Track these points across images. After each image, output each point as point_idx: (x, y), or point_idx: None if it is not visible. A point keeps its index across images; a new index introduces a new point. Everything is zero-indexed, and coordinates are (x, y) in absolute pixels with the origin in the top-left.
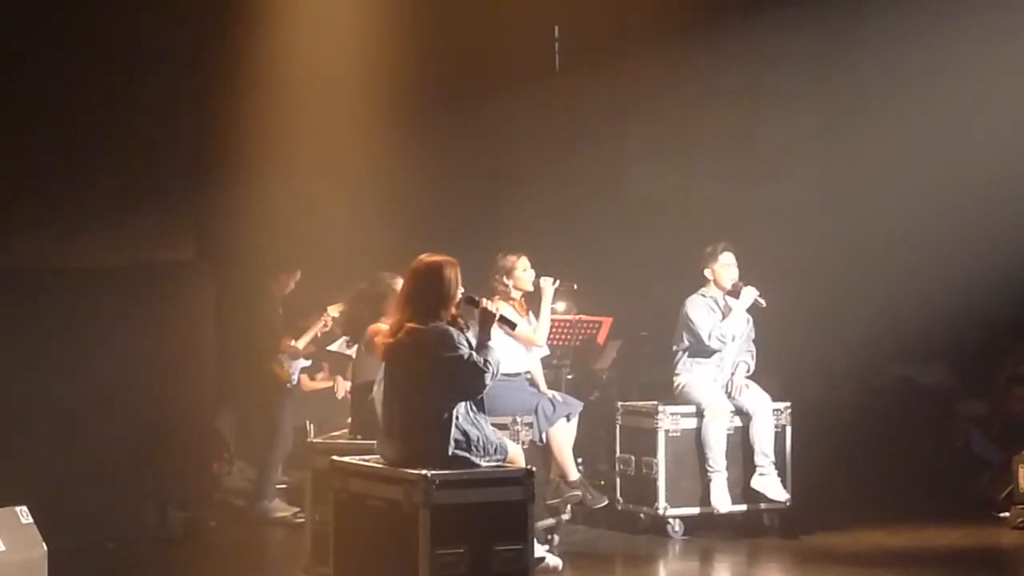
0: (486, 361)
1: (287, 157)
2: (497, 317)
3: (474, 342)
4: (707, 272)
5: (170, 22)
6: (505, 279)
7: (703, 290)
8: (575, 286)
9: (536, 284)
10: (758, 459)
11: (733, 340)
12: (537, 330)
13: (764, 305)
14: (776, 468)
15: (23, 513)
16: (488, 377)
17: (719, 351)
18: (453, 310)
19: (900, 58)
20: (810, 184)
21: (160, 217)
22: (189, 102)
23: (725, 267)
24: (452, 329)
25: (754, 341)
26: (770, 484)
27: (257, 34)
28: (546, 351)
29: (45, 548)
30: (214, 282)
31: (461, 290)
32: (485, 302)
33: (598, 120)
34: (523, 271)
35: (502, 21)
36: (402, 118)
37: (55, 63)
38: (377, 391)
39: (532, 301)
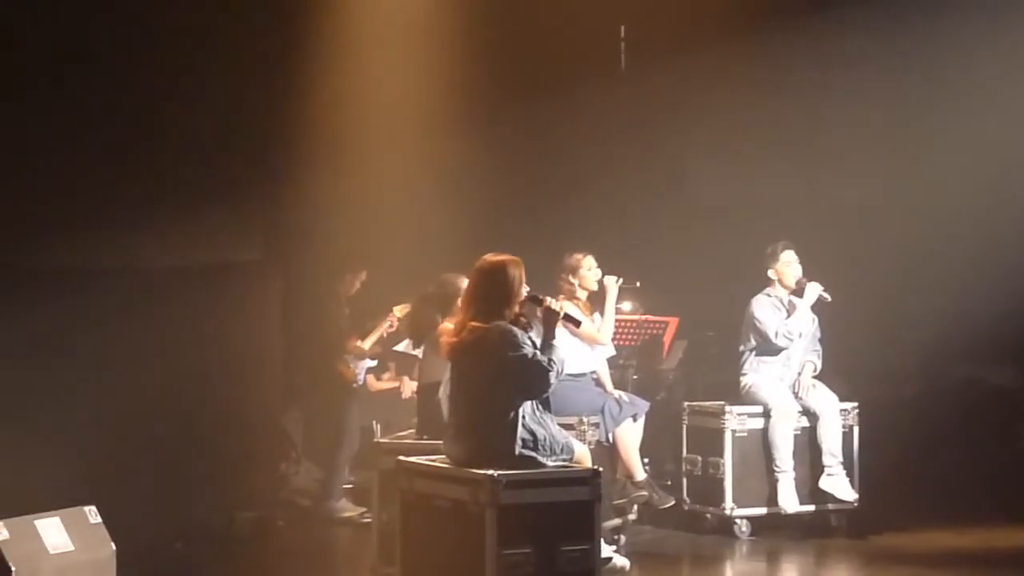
0: (550, 360)
1: (354, 157)
2: (561, 315)
3: (538, 341)
4: (770, 272)
5: (239, 21)
6: (571, 278)
7: (768, 290)
8: (638, 284)
9: (601, 283)
10: (826, 459)
11: (800, 337)
12: (601, 329)
13: (829, 300)
14: (844, 468)
15: (92, 513)
16: (552, 376)
17: (786, 349)
18: (517, 309)
19: (972, 57)
20: (876, 183)
21: (228, 217)
22: (257, 102)
23: (787, 265)
24: (515, 328)
25: (820, 341)
26: (839, 484)
27: (325, 33)
28: (612, 351)
29: (113, 548)
30: (281, 282)
31: (526, 289)
32: (549, 300)
33: (663, 120)
34: (588, 270)
35: (568, 21)
36: (468, 118)
37: (122, 62)
38: (443, 391)
39: (597, 301)
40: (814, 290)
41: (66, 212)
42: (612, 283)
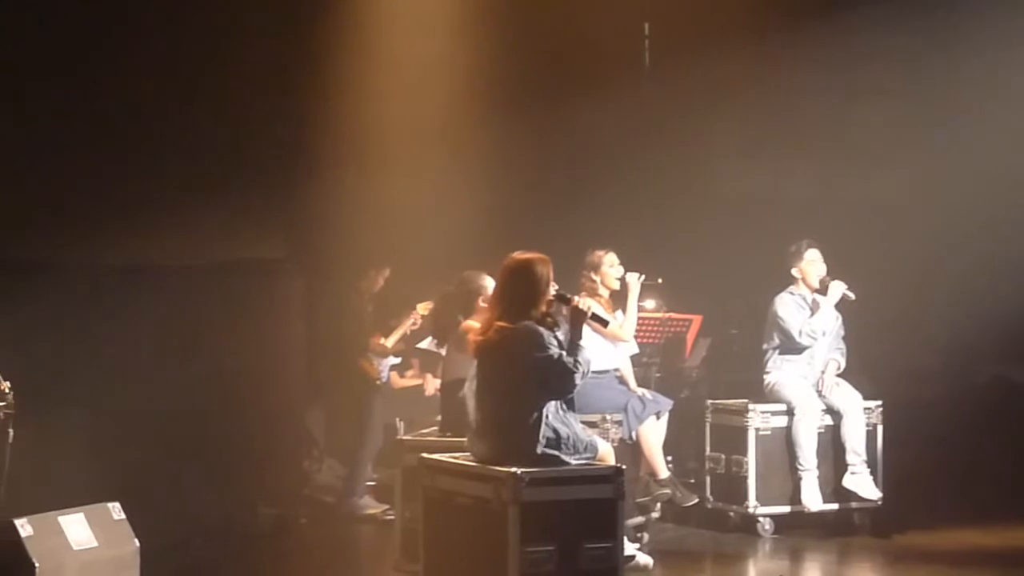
0: (576, 361)
1: (377, 155)
2: (588, 315)
3: (564, 340)
4: (794, 271)
5: (263, 18)
6: (593, 275)
7: (791, 288)
8: (660, 280)
9: (623, 280)
10: (850, 458)
11: (824, 335)
12: (624, 325)
13: (853, 298)
14: (867, 467)
15: (116, 509)
16: (578, 377)
17: (809, 347)
18: (544, 308)
19: (999, 54)
20: (901, 181)
21: (251, 214)
22: (279, 99)
23: (811, 264)
24: (541, 328)
25: (844, 339)
26: (862, 483)
27: (347, 31)
28: (635, 348)
29: (137, 544)
30: (304, 280)
31: (554, 288)
32: (577, 299)
33: (687, 117)
34: (610, 267)
35: (593, 19)
36: (492, 116)
37: (144, 59)
38: (468, 389)
39: (618, 298)
40: (838, 288)
41: (91, 209)
42: (634, 280)
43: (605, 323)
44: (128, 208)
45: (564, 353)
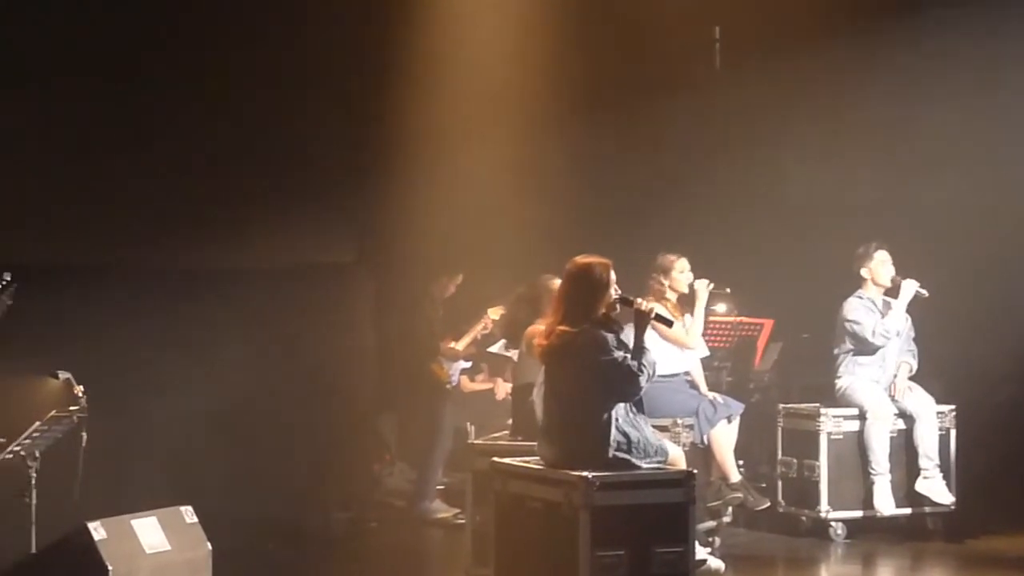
0: (640, 365)
1: (448, 160)
2: (652, 316)
3: (628, 343)
4: (863, 271)
5: (332, 23)
6: (662, 278)
7: (859, 291)
8: (728, 290)
9: (691, 286)
10: (922, 462)
11: (897, 336)
12: (689, 332)
13: (927, 295)
14: (940, 471)
15: (188, 513)
16: (643, 380)
17: (882, 347)
18: (605, 310)
19: None
20: (971, 183)
21: (321, 220)
22: (351, 104)
23: (881, 264)
24: (603, 332)
25: (915, 340)
26: (935, 487)
27: (418, 35)
28: (706, 352)
29: (209, 547)
30: (375, 284)
31: (616, 291)
32: (639, 302)
33: (757, 121)
34: (680, 272)
35: (663, 22)
36: (563, 119)
37: (214, 65)
38: (537, 393)
39: (685, 303)
40: (910, 287)
41: (167, 214)
42: (703, 287)
43: (669, 323)
44: (203, 215)
45: (628, 356)
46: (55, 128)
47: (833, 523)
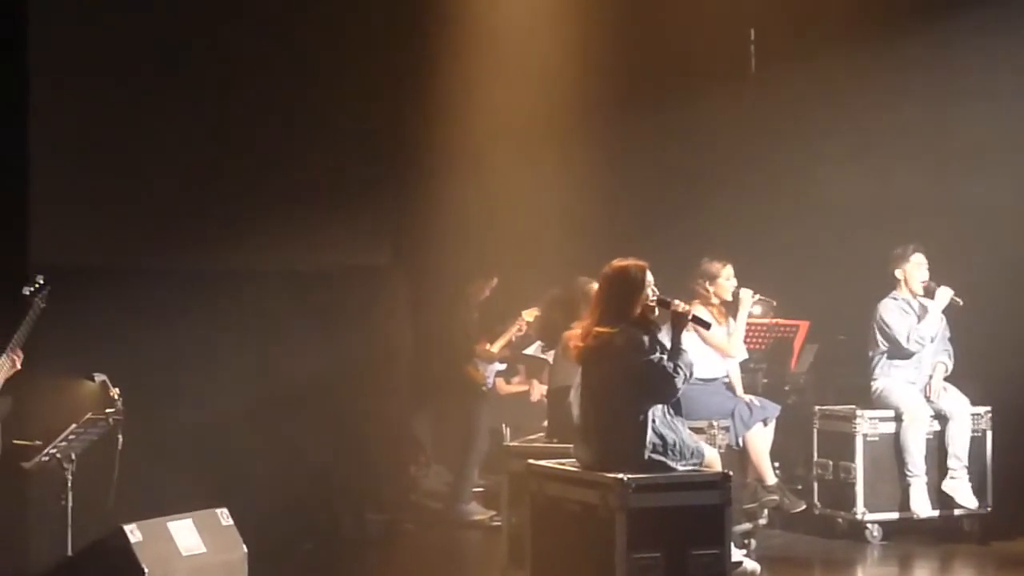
0: (676, 366)
1: (484, 162)
2: (689, 317)
3: (666, 344)
4: (898, 273)
5: (372, 29)
6: (707, 284)
7: (894, 293)
8: (774, 303)
9: (736, 294)
10: (951, 462)
11: (932, 341)
12: (732, 339)
13: (961, 304)
14: (970, 473)
15: (224, 515)
16: (680, 381)
17: (917, 352)
18: (640, 311)
19: None
20: (1008, 184)
21: (357, 221)
22: (387, 106)
23: (917, 267)
24: (639, 333)
25: (950, 340)
26: (960, 488)
27: (455, 37)
28: (744, 354)
29: (245, 549)
30: (411, 286)
31: (654, 292)
32: (677, 303)
33: (792, 122)
34: (726, 279)
35: (698, 25)
36: (598, 122)
37: (254, 69)
38: (574, 395)
39: (729, 310)
40: (945, 294)
41: (204, 216)
42: (747, 296)
43: (707, 325)
44: (240, 217)
45: (665, 357)
46: (95, 128)
47: (869, 525)
